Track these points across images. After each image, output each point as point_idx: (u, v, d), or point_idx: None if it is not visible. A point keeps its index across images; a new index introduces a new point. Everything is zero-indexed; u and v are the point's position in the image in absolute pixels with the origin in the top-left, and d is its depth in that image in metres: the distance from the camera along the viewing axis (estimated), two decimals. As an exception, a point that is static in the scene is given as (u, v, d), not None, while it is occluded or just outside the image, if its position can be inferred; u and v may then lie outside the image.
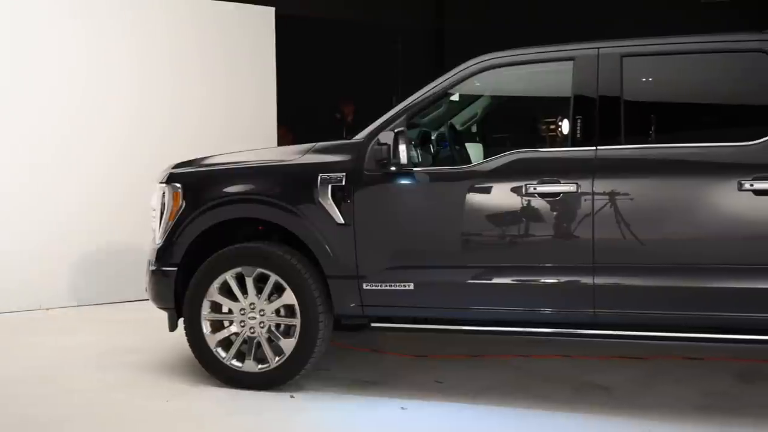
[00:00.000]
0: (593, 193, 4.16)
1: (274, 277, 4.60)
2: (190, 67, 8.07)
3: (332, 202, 4.49)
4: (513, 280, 4.33)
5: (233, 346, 4.72)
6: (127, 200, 7.46)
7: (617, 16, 12.24)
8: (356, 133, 4.64)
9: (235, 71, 8.36)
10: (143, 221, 5.57)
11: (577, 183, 4.19)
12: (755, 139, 4.04)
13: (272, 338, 4.65)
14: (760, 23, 5.34)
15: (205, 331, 4.73)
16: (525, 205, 4.28)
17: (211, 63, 8.20)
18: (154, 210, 4.97)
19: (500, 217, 4.36)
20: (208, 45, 8.20)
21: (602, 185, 4.16)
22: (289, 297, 4.58)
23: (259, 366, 4.68)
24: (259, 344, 4.67)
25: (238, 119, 8.28)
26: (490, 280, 4.36)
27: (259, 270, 4.62)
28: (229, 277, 4.68)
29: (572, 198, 4.20)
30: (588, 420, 4.25)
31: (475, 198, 4.37)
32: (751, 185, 3.96)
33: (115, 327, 6.67)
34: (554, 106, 5.65)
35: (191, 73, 8.07)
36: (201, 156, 5.18)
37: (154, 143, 7.66)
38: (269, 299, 4.65)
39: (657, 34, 4.52)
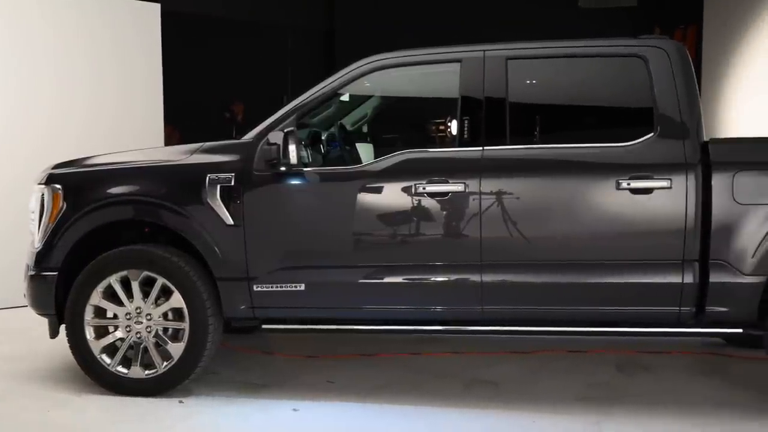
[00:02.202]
0: (480, 193, 4.25)
1: (161, 280, 4.49)
2: (73, 63, 7.76)
3: (221, 203, 4.42)
4: (404, 279, 4.37)
5: (119, 352, 4.58)
6: (4, 202, 7.12)
7: (503, 20, 12.56)
8: (246, 133, 4.58)
9: (120, 68, 8.09)
10: (22, 224, 5.32)
11: (464, 183, 4.27)
12: (632, 140, 4.22)
13: (160, 343, 4.54)
14: (636, 29, 5.58)
15: (88, 337, 4.57)
16: (415, 204, 4.33)
17: (95, 59, 7.91)
18: (33, 212, 4.76)
19: (390, 217, 4.39)
20: (91, 40, 7.90)
21: (489, 185, 4.25)
22: (176, 300, 4.48)
23: (147, 371, 4.56)
24: (146, 349, 4.55)
25: (123, 118, 8.03)
26: (382, 279, 4.39)
27: (146, 273, 4.50)
28: (113, 280, 4.53)
29: (460, 197, 4.28)
30: (478, 415, 4.34)
31: (365, 198, 4.39)
32: (629, 184, 4.14)
33: (-9, 335, 6.36)
34: (443, 107, 5.75)
35: (74, 69, 7.76)
36: (83, 156, 5.00)
37: (34, 143, 7.33)
38: (156, 303, 4.53)
39: (541, 37, 4.67)
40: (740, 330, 4.26)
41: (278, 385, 4.88)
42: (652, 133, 4.22)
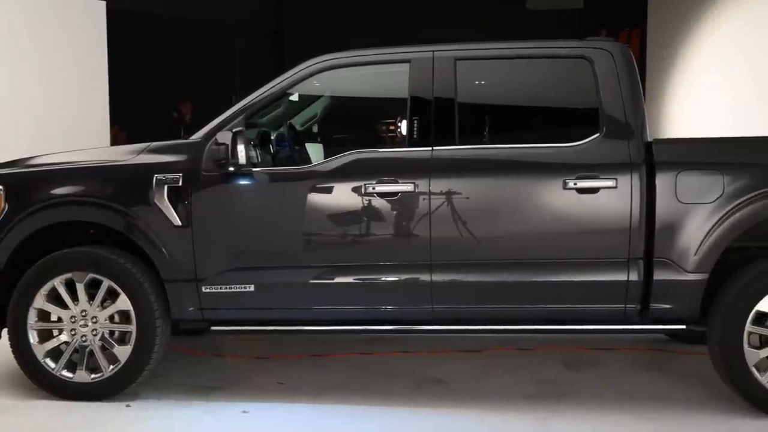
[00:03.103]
0: (430, 193, 4.27)
1: (106, 282, 4.41)
2: (15, 62, 7.59)
3: (168, 204, 4.36)
4: (354, 279, 4.37)
5: (63, 356, 4.49)
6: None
7: (452, 20, 12.66)
8: (195, 133, 4.53)
9: (64, 68, 7.94)
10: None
11: (414, 183, 4.28)
12: (579, 141, 4.29)
13: (106, 346, 4.47)
14: (583, 31, 5.67)
15: (31, 341, 4.47)
16: (365, 204, 4.33)
17: (37, 59, 7.75)
18: (-26, 214, 4.63)
19: (341, 217, 4.39)
20: (34, 38, 7.73)
21: (438, 185, 4.28)
22: (123, 302, 4.41)
23: (92, 376, 4.48)
24: (91, 353, 4.47)
25: (67, 119, 7.87)
26: (332, 279, 4.38)
27: (91, 275, 4.42)
28: (57, 283, 4.44)
29: (410, 197, 4.29)
30: (428, 414, 4.37)
31: (315, 198, 4.38)
32: (575, 184, 4.21)
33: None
34: (392, 107, 5.77)
35: (16, 69, 7.59)
36: (26, 156, 4.89)
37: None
38: (102, 305, 4.45)
39: (489, 38, 4.71)
40: (683, 326, 4.35)
41: (228, 387, 4.83)
42: (597, 134, 4.29)
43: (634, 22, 12.77)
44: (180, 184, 4.37)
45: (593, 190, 4.21)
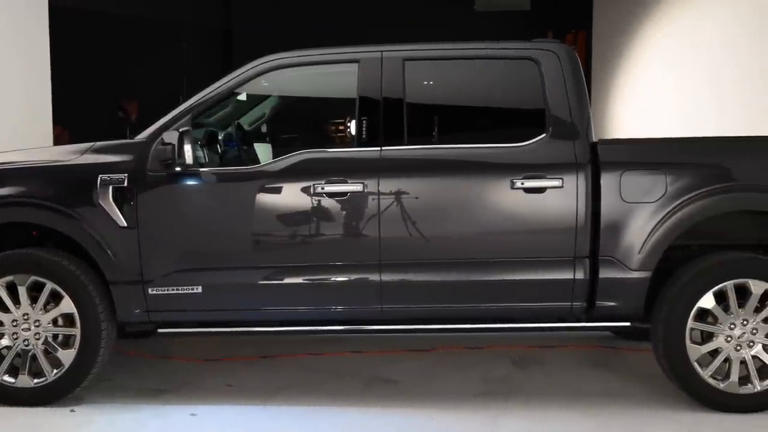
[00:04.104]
0: (379, 193, 4.28)
1: (49, 285, 4.32)
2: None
3: (113, 205, 4.29)
4: (304, 280, 4.36)
5: (5, 361, 4.38)
6: None
7: (401, 21, 12.70)
8: (140, 133, 4.46)
9: (5, 66, 7.73)
10: None
11: (363, 183, 4.28)
12: (526, 141, 4.34)
13: (49, 350, 4.37)
14: (530, 33, 5.74)
15: (-29, 346, 4.36)
16: (314, 204, 4.32)
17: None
18: None
19: (289, 217, 4.37)
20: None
21: (387, 185, 4.28)
22: (67, 305, 4.32)
23: (35, 380, 4.38)
24: (34, 357, 4.37)
25: (8, 117, 7.66)
26: (281, 280, 4.36)
27: (33, 278, 4.33)
28: (-2, 286, 4.34)
29: (359, 197, 4.29)
30: (378, 413, 4.37)
31: (263, 198, 4.35)
32: (522, 184, 4.26)
33: None
34: (341, 107, 5.77)
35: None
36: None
37: None
38: (45, 309, 4.36)
39: (438, 39, 4.74)
40: (628, 323, 4.43)
41: (175, 390, 4.77)
42: (544, 134, 4.34)
43: (580, 24, 12.98)
44: (125, 184, 4.30)
45: (540, 190, 4.26)
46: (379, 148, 4.35)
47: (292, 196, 4.35)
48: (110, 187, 4.30)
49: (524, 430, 4.15)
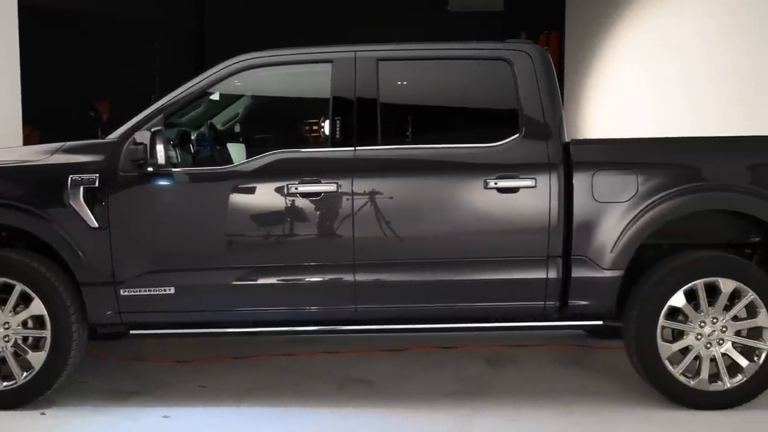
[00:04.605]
0: (353, 193, 4.27)
1: (19, 287, 4.27)
2: None
3: (84, 205, 4.25)
4: (277, 280, 4.34)
5: (-28, 364, 4.32)
6: None
7: (375, 21, 12.69)
8: (112, 132, 4.42)
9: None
10: None
11: (337, 183, 4.28)
12: (499, 141, 4.35)
13: (19, 352, 4.32)
14: (504, 33, 5.76)
15: (-62, 349, 4.30)
16: (288, 205, 4.31)
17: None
18: None
19: (263, 218, 4.35)
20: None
21: (361, 185, 4.28)
22: (37, 307, 4.27)
23: (5, 383, 4.33)
24: (3, 360, 4.32)
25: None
26: (255, 281, 4.34)
27: (2, 279, 4.27)
28: (-35, 289, 4.28)
29: (333, 197, 4.29)
30: (352, 414, 4.37)
31: (237, 198, 4.33)
32: (496, 184, 4.27)
33: None
34: (315, 107, 5.75)
35: None
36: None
37: None
38: (14, 311, 4.30)
39: (412, 39, 4.75)
40: (601, 322, 4.47)
41: (148, 392, 4.74)
42: (517, 134, 4.36)
43: (553, 25, 13.08)
44: (96, 185, 4.26)
45: (513, 190, 4.28)
46: (352, 148, 4.34)
47: (265, 196, 4.33)
48: (81, 188, 4.26)
49: (497, 428, 4.17)
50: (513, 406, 4.45)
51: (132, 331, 4.46)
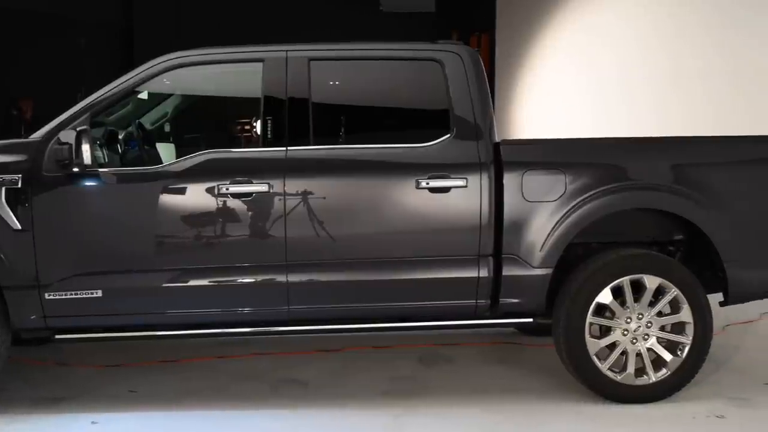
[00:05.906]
0: (285, 193, 4.25)
1: (-63, 291, 4.12)
2: None
3: (6, 207, 4.12)
4: (209, 282, 4.29)
5: None
6: None
7: (307, 21, 12.66)
8: (36, 131, 4.30)
9: None
10: None
11: (269, 183, 4.25)
12: (431, 141, 4.39)
13: (-62, 360, 4.17)
14: (437, 34, 5.81)
15: None
16: (219, 205, 4.26)
17: None
18: None
19: (194, 219, 4.29)
20: None
21: (293, 185, 4.26)
22: (-44, 312, 4.13)
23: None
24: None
25: None
26: (186, 282, 4.28)
27: None
28: None
29: (265, 198, 4.25)
30: (285, 415, 4.35)
31: (166, 199, 4.26)
32: (427, 183, 4.30)
33: None
34: (246, 107, 5.68)
35: None
36: None
37: None
38: (-68, 316, 4.15)
39: (344, 39, 4.74)
40: (531, 319, 4.55)
41: (75, 398, 4.62)
42: (448, 135, 4.40)
43: (484, 27, 13.24)
44: (19, 185, 4.14)
45: (444, 190, 4.32)
46: (284, 148, 4.32)
47: (196, 196, 4.27)
48: (2, 189, 4.13)
49: (429, 426, 4.20)
50: (444, 404, 4.49)
51: (57, 336, 4.34)
